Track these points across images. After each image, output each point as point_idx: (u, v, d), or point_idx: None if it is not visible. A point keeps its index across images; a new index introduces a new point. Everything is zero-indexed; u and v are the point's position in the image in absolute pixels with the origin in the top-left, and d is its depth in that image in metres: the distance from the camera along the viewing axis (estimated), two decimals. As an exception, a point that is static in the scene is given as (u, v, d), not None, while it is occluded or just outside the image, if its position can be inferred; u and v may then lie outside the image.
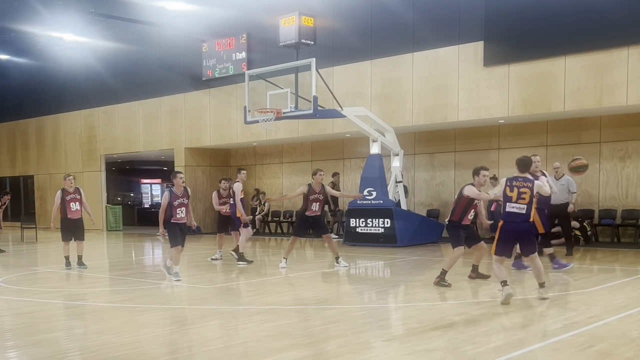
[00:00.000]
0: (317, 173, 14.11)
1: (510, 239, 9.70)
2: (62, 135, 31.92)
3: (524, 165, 9.66)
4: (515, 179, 9.49)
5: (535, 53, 17.07)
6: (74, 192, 14.79)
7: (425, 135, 21.50)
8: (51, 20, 28.42)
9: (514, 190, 9.40)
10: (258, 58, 22.71)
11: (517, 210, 9.40)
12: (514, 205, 9.39)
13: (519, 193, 9.37)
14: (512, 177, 9.58)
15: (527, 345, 6.99)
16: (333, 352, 6.90)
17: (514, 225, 9.48)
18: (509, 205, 9.44)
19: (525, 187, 9.38)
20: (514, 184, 9.43)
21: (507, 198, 9.44)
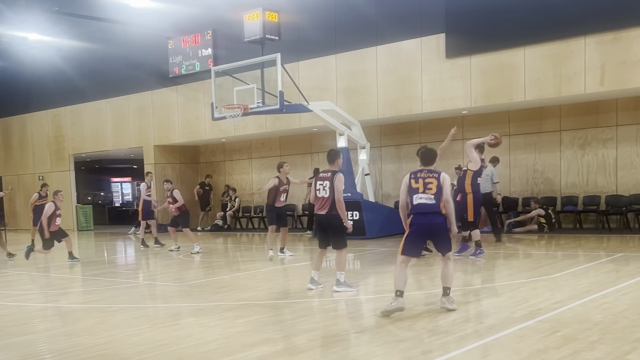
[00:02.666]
0: (283, 165, 14.83)
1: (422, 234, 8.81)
2: (29, 136, 31.60)
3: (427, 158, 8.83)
4: (420, 171, 8.69)
5: (496, 44, 17.31)
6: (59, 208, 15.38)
7: (391, 128, 21.68)
8: (14, 20, 28.11)
9: (419, 182, 8.58)
10: (224, 54, 22.70)
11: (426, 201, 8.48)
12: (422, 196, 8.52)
13: (425, 184, 8.51)
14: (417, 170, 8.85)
15: (493, 332, 7.11)
16: (305, 345, 6.97)
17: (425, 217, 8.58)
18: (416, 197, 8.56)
19: (432, 178, 8.51)
20: (419, 175, 8.63)
21: (413, 190, 8.61)
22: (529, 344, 6.63)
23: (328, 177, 9.96)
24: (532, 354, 6.27)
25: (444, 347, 6.69)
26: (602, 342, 6.61)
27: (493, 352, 6.49)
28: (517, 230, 18.65)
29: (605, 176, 18.32)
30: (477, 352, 6.50)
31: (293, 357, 6.60)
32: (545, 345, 6.56)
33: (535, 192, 19.25)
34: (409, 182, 8.67)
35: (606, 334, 6.91)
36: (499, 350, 6.53)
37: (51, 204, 15.85)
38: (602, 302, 8.55)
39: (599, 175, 18.40)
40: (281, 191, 14.71)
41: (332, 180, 9.88)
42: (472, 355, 6.41)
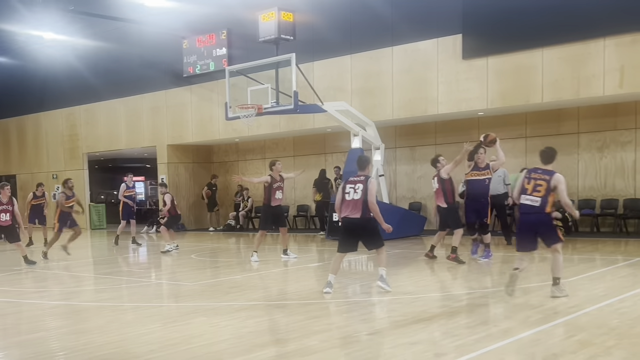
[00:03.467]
0: (276, 164, 14.69)
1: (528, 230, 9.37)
2: (43, 134, 31.70)
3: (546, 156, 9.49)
4: (535, 171, 9.30)
5: (513, 45, 17.17)
6: (7, 203, 15.01)
7: (406, 129, 21.57)
8: (30, 19, 28.19)
9: (530, 182, 9.21)
10: (238, 54, 22.65)
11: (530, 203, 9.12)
12: (528, 197, 9.15)
13: (535, 186, 9.14)
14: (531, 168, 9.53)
15: (508, 336, 7.02)
16: (316, 347, 6.90)
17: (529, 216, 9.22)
18: (523, 197, 9.23)
19: (542, 180, 9.10)
20: (532, 175, 9.23)
21: (523, 190, 9.24)
22: (545, 348, 6.55)
23: (361, 181, 10.09)
24: (547, 358, 6.21)
25: (458, 349, 6.60)
26: (619, 347, 6.51)
27: (508, 356, 6.43)
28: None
29: (624, 179, 18.13)
30: (491, 355, 6.41)
31: (305, 358, 6.53)
32: (561, 349, 6.48)
33: (551, 195, 19.01)
34: (522, 181, 9.32)
35: (623, 339, 6.81)
36: (514, 354, 6.47)
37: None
38: (619, 307, 8.45)
39: (617, 178, 18.20)
40: (275, 188, 14.50)
41: (365, 183, 10.01)
42: (487, 359, 6.33)
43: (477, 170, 13.07)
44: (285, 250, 14.95)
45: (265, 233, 14.83)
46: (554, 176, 9.05)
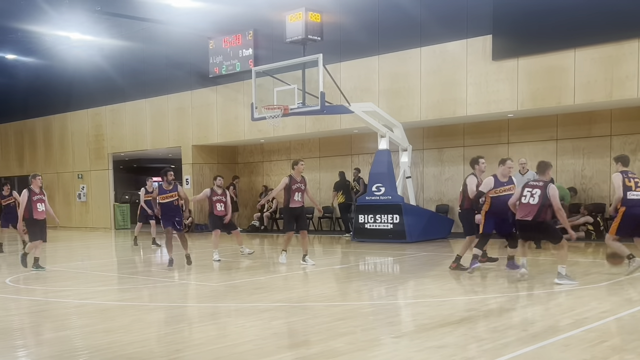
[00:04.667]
0: (299, 163, 14.28)
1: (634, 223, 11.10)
2: (69, 134, 31.92)
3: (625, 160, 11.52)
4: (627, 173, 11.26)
5: (545, 46, 16.95)
6: (39, 193, 14.46)
7: (434, 130, 21.39)
8: (58, 19, 28.39)
9: (631, 181, 11.08)
10: (265, 54, 22.61)
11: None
12: (635, 193, 11.03)
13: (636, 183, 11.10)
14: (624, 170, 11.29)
15: (537, 341, 6.89)
16: (342, 349, 6.81)
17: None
18: (629, 193, 11.01)
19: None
20: (629, 175, 11.16)
21: (627, 188, 11.02)
22: (575, 354, 6.42)
23: (540, 186, 10.66)
24: None
25: (486, 354, 6.49)
26: (652, 354, 6.36)
27: None
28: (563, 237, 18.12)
29: (657, 182, 17.76)
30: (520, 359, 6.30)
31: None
32: (592, 355, 6.34)
33: (582, 199, 18.76)
34: (622, 180, 11.09)
35: (656, 346, 6.66)
36: (544, 359, 6.35)
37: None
38: (652, 313, 8.27)
39: (651, 181, 17.84)
40: (294, 190, 13.98)
41: (544, 189, 10.60)
42: None
43: (501, 187, 12.11)
44: (305, 257, 14.30)
45: (291, 235, 14.46)
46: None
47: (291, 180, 14.01)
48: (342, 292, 10.46)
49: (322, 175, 23.49)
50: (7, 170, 36.19)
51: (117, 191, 31.23)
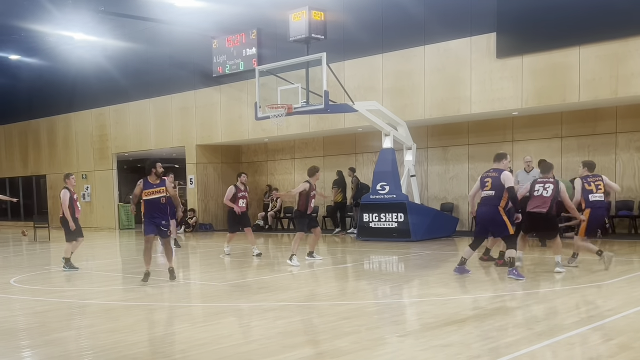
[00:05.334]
0: (318, 171, 14.46)
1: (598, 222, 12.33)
2: (73, 135, 31.96)
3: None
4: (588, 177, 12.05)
5: (549, 44, 16.92)
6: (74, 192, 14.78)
7: (438, 129, 21.36)
8: (61, 19, 28.42)
9: (591, 185, 11.88)
10: (268, 54, 22.62)
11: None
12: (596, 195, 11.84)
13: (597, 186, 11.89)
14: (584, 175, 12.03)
15: (543, 339, 6.85)
16: (347, 348, 6.78)
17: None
18: (591, 196, 11.82)
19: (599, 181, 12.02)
20: (589, 180, 11.96)
21: (587, 191, 11.85)
22: (581, 352, 6.42)
23: (551, 182, 11.67)
24: None
25: (491, 352, 6.45)
26: (660, 352, 6.33)
27: (543, 359, 6.29)
28: (567, 235, 18.06)
29: (663, 180, 17.79)
30: (526, 358, 6.25)
31: (336, 359, 6.41)
32: (598, 353, 6.32)
33: (586, 196, 18.66)
34: (582, 185, 11.96)
35: (664, 344, 6.63)
36: (550, 358, 6.34)
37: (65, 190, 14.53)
38: (659, 311, 8.23)
39: (657, 179, 17.85)
40: (312, 197, 14.09)
41: (556, 185, 11.62)
42: None
43: None
44: (311, 253, 14.65)
45: (302, 236, 14.40)
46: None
47: (310, 187, 14.09)
48: (347, 291, 10.43)
49: (326, 175, 23.42)
50: (11, 171, 36.28)
51: (121, 191, 31.20)
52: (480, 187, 11.33)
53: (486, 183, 11.19)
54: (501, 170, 11.22)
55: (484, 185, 11.22)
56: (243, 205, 15.91)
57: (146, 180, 11.79)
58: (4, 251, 20.19)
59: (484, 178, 11.31)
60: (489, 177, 11.23)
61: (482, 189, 11.27)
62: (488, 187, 11.15)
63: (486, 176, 11.30)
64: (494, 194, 11.06)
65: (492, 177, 11.18)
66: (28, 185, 35.87)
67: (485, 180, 11.24)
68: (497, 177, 11.11)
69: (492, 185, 11.10)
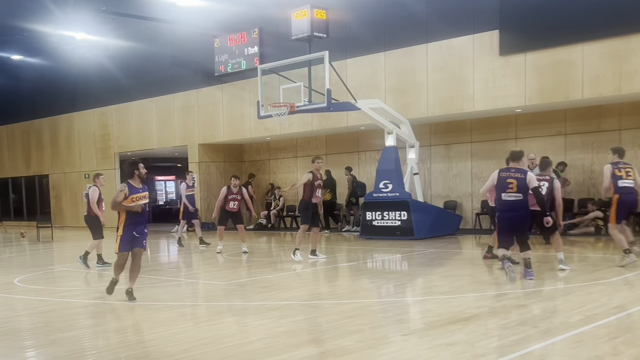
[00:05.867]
0: (316, 161, 14.50)
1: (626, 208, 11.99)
2: (75, 134, 31.95)
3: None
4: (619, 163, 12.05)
5: (552, 41, 16.86)
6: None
7: (441, 127, 21.30)
8: (63, 19, 28.42)
9: (621, 171, 11.91)
10: (270, 52, 22.58)
11: None
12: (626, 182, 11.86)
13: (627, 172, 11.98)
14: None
15: (548, 337, 6.83)
16: (351, 347, 6.75)
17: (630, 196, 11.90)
18: (620, 182, 11.82)
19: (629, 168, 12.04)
20: (620, 166, 12.00)
21: (617, 177, 11.84)
22: (586, 350, 6.36)
23: (547, 179, 11.65)
24: None
25: (497, 350, 6.45)
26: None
27: (548, 357, 6.28)
28: (572, 233, 18.06)
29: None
30: (531, 357, 6.22)
31: (340, 358, 6.39)
32: (603, 351, 6.30)
33: (592, 194, 18.66)
34: (612, 171, 11.92)
35: (670, 341, 6.60)
36: (555, 356, 6.30)
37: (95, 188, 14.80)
38: (665, 308, 8.19)
39: (660, 176, 17.72)
40: (316, 186, 14.29)
41: (551, 182, 11.61)
42: None
43: None
44: (314, 251, 14.59)
45: (306, 228, 14.44)
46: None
47: (314, 176, 14.28)
48: (351, 290, 10.40)
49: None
50: (14, 171, 36.30)
51: (124, 191, 31.16)
52: (502, 188, 10.46)
53: (510, 185, 10.35)
54: (525, 171, 10.57)
55: (508, 187, 10.37)
56: (233, 206, 16.69)
57: (130, 185, 10.22)
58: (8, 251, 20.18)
59: (506, 178, 10.44)
60: (513, 178, 10.38)
61: (506, 190, 10.40)
62: (513, 189, 10.33)
63: (508, 177, 10.44)
64: (522, 197, 10.32)
65: (517, 179, 10.35)
66: (31, 185, 35.87)
67: (509, 182, 10.38)
68: (523, 178, 10.36)
69: (517, 187, 10.30)
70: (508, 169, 10.64)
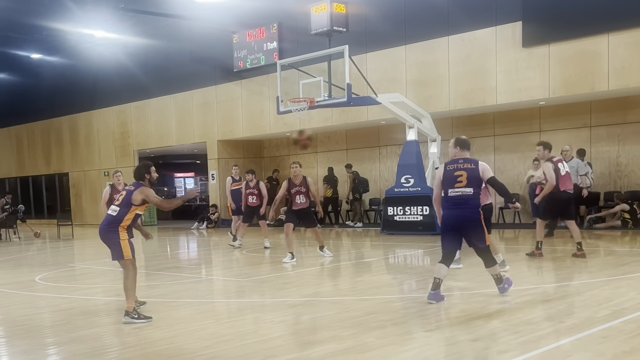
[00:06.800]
0: (292, 166, 14.34)
1: None
2: (95, 132, 32.07)
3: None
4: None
5: (577, 31, 16.64)
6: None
7: (463, 120, 21.11)
8: (82, 17, 28.49)
9: None
10: (290, 47, 22.47)
11: None
12: None
13: None
14: None
15: (574, 332, 6.68)
16: (373, 343, 6.66)
17: None
18: None
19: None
20: None
21: None
22: (614, 345, 6.21)
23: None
24: (617, 356, 5.87)
25: (521, 346, 6.31)
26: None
27: (575, 353, 6.09)
28: (598, 226, 17.78)
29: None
30: (557, 352, 6.11)
31: (362, 355, 6.30)
32: (631, 347, 6.15)
33: (618, 186, 18.42)
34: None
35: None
36: (581, 351, 6.13)
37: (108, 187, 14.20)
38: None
39: (688, 168, 17.50)
40: (294, 193, 13.88)
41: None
42: (552, 356, 6.03)
43: None
44: (322, 247, 14.22)
45: (292, 227, 13.94)
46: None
47: (290, 184, 13.99)
48: (372, 286, 10.30)
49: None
50: (34, 170, 36.55)
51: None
52: (450, 183, 8.64)
53: (459, 178, 8.57)
54: (476, 161, 8.76)
55: (457, 181, 8.57)
56: (253, 201, 16.57)
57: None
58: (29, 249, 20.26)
59: (454, 171, 8.66)
60: (462, 169, 8.61)
61: (453, 186, 8.59)
62: (463, 182, 8.55)
63: (456, 169, 8.66)
64: (472, 192, 8.53)
65: (467, 170, 8.59)
66: (51, 183, 36.10)
67: (457, 175, 8.59)
68: (474, 169, 8.61)
69: (468, 180, 8.53)
70: (455, 161, 8.75)
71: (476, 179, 8.57)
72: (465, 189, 8.50)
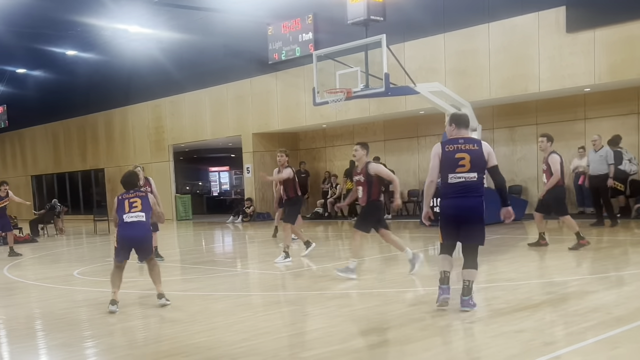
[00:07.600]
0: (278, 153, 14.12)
1: None
2: (130, 127, 32.16)
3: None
4: None
5: (623, 15, 16.05)
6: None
7: (505, 109, 20.67)
8: (116, 12, 28.48)
9: None
10: (325, 38, 22.16)
11: None
12: None
13: None
14: None
15: (622, 324, 6.46)
16: (415, 335, 6.52)
17: None
18: None
19: None
20: None
21: None
22: None
23: None
24: None
25: (568, 337, 6.20)
26: None
27: (622, 345, 5.90)
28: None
29: None
30: (604, 344, 5.93)
31: (404, 347, 6.19)
32: None
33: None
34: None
35: None
36: (629, 343, 5.97)
37: None
38: None
39: None
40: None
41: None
42: (599, 348, 5.84)
43: None
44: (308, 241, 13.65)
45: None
46: None
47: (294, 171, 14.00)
48: (413, 278, 10.03)
49: (387, 159, 22.91)
50: (71, 166, 36.86)
51: (178, 182, 31.26)
52: (450, 167, 7.43)
53: (461, 161, 7.37)
54: (479, 141, 7.54)
55: (458, 165, 7.38)
56: None
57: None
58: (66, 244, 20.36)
59: (455, 153, 7.40)
60: (464, 151, 7.37)
61: (455, 170, 7.39)
62: (466, 167, 7.36)
63: (457, 150, 7.40)
64: (476, 177, 7.39)
65: (469, 152, 7.36)
66: (87, 179, 36.34)
67: (458, 157, 7.38)
68: (478, 150, 7.38)
69: (471, 164, 7.36)
70: (454, 140, 7.47)
71: (481, 162, 7.32)
72: (468, 173, 7.28)
